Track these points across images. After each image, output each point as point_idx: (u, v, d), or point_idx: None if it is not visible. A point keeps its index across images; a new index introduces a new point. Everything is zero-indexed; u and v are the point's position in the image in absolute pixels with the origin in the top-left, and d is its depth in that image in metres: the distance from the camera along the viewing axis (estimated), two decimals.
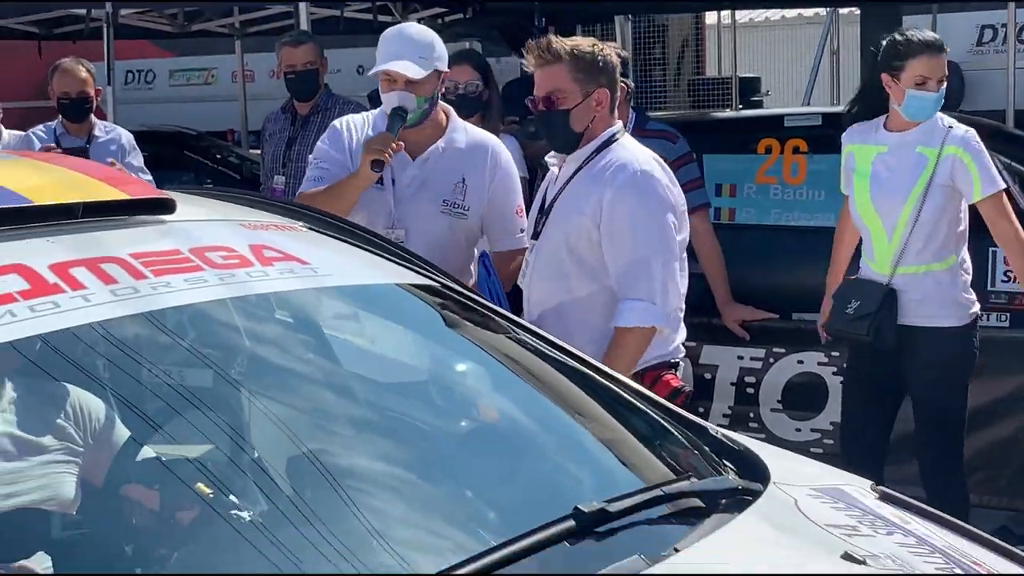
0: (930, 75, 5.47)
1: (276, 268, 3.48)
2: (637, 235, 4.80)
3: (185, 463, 3.20)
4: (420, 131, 5.31)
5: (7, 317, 2.83)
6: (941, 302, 5.51)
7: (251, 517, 2.96)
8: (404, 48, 5.23)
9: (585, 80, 4.87)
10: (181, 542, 3.08)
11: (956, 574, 3.09)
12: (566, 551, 2.79)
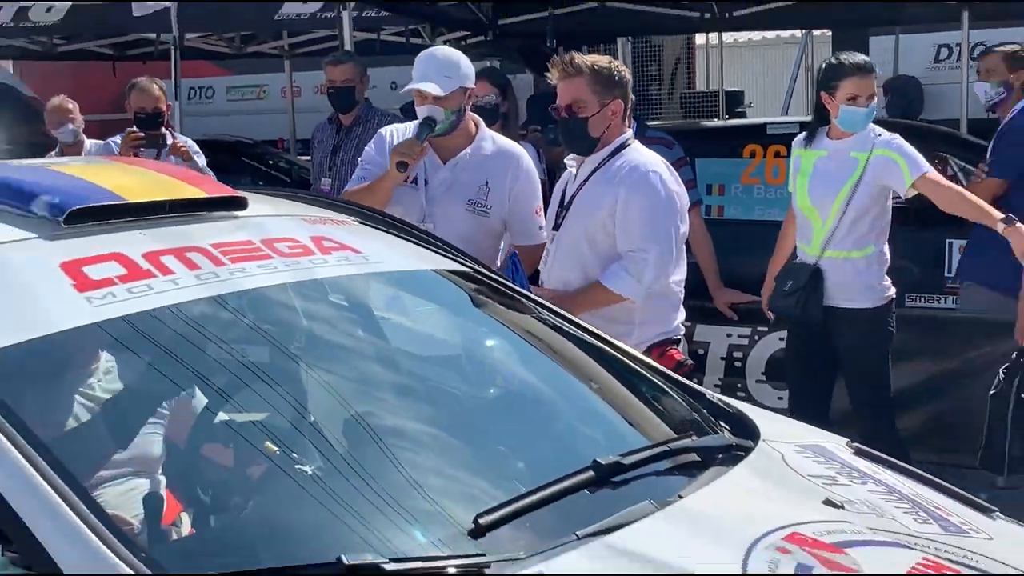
0: (860, 93, 5.54)
1: (334, 256, 3.49)
2: (645, 227, 4.83)
3: (256, 426, 3.20)
4: (451, 139, 5.29)
5: (109, 298, 2.84)
6: (858, 287, 5.60)
7: (311, 471, 2.96)
8: (431, 69, 5.23)
9: (603, 92, 4.90)
10: (252, 493, 3.08)
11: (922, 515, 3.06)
12: (585, 498, 2.81)
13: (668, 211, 4.94)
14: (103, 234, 3.10)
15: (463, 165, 5.31)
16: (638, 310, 4.94)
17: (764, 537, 2.69)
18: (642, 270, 4.83)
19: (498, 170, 5.32)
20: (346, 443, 3.09)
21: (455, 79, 5.20)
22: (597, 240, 4.94)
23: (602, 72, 4.94)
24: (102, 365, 3.19)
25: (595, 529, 2.63)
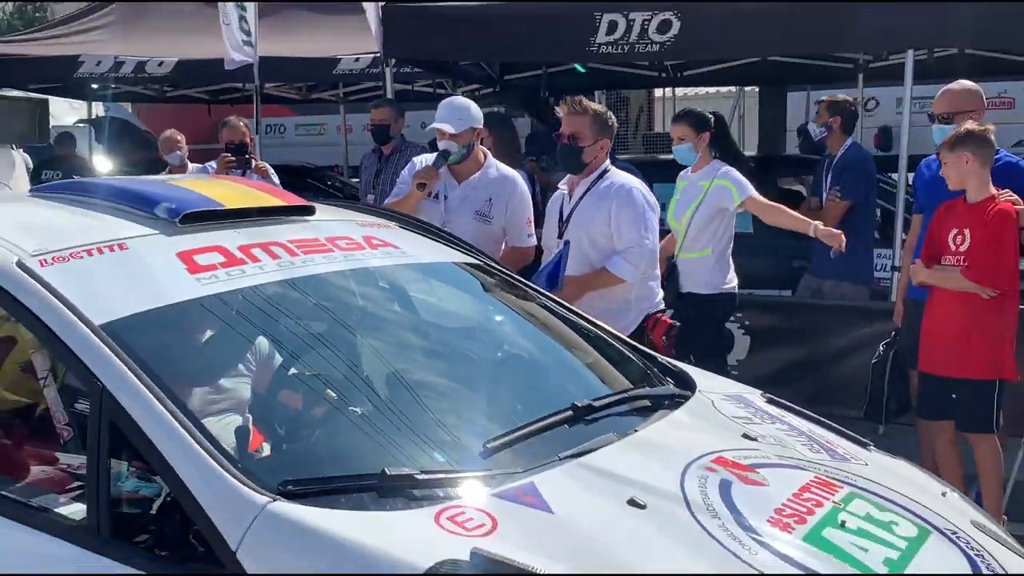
0: (682, 136, 5.83)
1: (380, 251, 3.47)
2: (634, 229, 4.87)
3: (318, 377, 3.18)
4: (464, 166, 5.33)
5: (212, 279, 2.88)
6: (699, 279, 5.74)
7: (360, 411, 2.97)
8: (448, 113, 5.30)
9: (597, 131, 4.97)
10: (316, 426, 3.07)
11: (816, 447, 3.08)
12: (566, 430, 2.84)
13: (648, 215, 4.97)
14: (208, 231, 3.11)
15: (473, 185, 5.33)
16: (634, 291, 4.97)
17: (697, 460, 2.71)
18: (638, 260, 4.87)
19: (499, 190, 5.34)
20: (387, 390, 3.07)
21: (466, 121, 5.26)
22: (599, 242, 4.95)
23: (600, 116, 5.02)
24: (208, 329, 3.19)
25: (572, 452, 2.66)
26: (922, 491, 2.93)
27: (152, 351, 2.58)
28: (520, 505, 2.35)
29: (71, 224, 3.07)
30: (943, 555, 2.54)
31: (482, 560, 2.08)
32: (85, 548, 2.34)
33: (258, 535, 2.16)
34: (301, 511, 2.21)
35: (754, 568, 2.26)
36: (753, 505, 2.51)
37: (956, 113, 5.29)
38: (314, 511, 2.21)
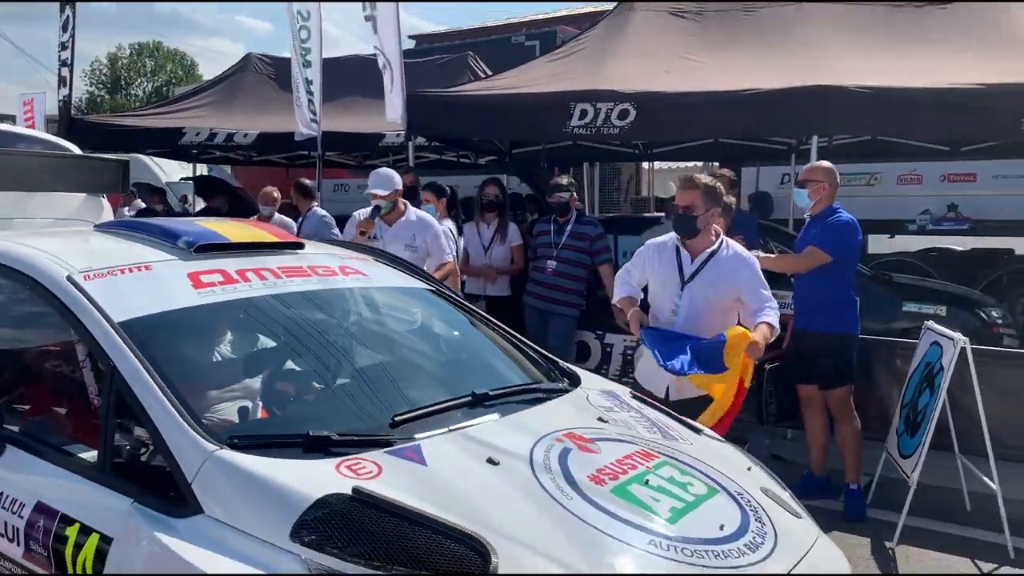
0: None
1: (351, 278, 3.69)
2: (763, 289, 4.53)
3: (304, 370, 3.44)
4: (391, 215, 6.18)
5: (211, 292, 3.13)
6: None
7: (311, 391, 3.28)
8: (378, 181, 6.15)
9: (709, 202, 4.57)
10: (306, 406, 3.30)
11: (654, 430, 3.23)
12: (464, 410, 3.03)
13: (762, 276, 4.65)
14: (215, 259, 3.35)
15: (399, 227, 6.19)
16: None
17: (551, 433, 2.90)
18: (773, 308, 4.49)
19: (418, 228, 6.22)
20: (334, 377, 3.30)
21: (390, 186, 6.13)
22: (725, 298, 4.58)
23: (710, 189, 4.61)
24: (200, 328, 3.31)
25: (458, 426, 2.86)
26: (730, 465, 3.09)
27: (152, 342, 2.82)
28: (403, 459, 2.58)
29: (115, 251, 3.35)
30: (721, 508, 2.72)
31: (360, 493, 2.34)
32: (95, 481, 2.62)
33: (207, 472, 2.43)
34: (239, 457, 2.47)
35: (568, 510, 2.48)
36: (581, 466, 2.71)
37: (808, 180, 5.61)
38: (249, 457, 2.47)
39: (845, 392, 5.59)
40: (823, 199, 5.69)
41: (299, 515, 2.27)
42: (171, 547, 2.30)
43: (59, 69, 11.21)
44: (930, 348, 5.47)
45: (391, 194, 6.15)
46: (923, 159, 10.70)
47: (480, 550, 2.20)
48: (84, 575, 2.47)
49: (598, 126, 7.55)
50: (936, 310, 7.64)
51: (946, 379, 5.04)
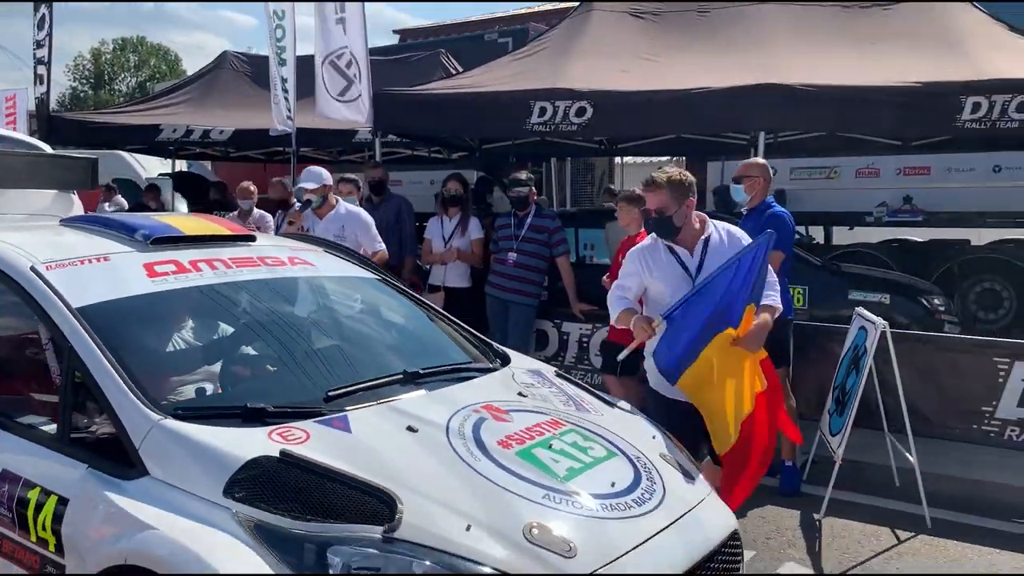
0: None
1: (298, 267, 3.95)
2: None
3: (250, 353, 3.72)
4: (323, 209, 6.69)
5: (163, 281, 3.40)
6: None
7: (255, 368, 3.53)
8: (308, 176, 6.71)
9: (680, 196, 4.23)
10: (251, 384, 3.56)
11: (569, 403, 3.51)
12: (396, 387, 3.29)
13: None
14: (171, 251, 3.61)
15: (329, 219, 6.66)
16: None
17: (470, 405, 3.18)
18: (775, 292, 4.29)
19: (347, 220, 6.66)
20: (278, 355, 3.57)
21: (318, 181, 6.66)
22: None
23: (675, 184, 4.26)
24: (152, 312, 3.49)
25: (386, 400, 3.14)
26: (635, 433, 3.39)
27: (106, 325, 3.10)
28: (330, 428, 2.87)
29: (76, 243, 3.62)
30: (616, 468, 3.02)
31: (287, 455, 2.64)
32: (54, 450, 2.92)
33: (152, 439, 2.73)
34: (181, 426, 2.77)
35: (474, 469, 2.79)
36: (492, 433, 3.01)
37: (744, 176, 5.92)
38: (190, 426, 2.77)
39: (781, 373, 5.89)
40: (758, 193, 6.00)
41: (231, 474, 2.57)
42: (120, 505, 2.61)
43: (35, 67, 11.41)
44: (858, 332, 5.80)
45: (319, 188, 6.66)
46: (880, 153, 11.01)
47: (388, 502, 2.51)
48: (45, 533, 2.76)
49: (557, 123, 7.83)
50: (881, 298, 7.99)
51: (868, 360, 5.35)
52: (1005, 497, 5.69)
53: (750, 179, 5.98)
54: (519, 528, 2.56)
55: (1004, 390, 5.82)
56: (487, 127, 8.68)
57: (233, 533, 2.45)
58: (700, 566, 2.80)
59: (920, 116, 7.15)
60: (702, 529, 2.94)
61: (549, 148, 11.74)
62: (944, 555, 4.90)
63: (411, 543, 2.44)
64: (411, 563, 2.41)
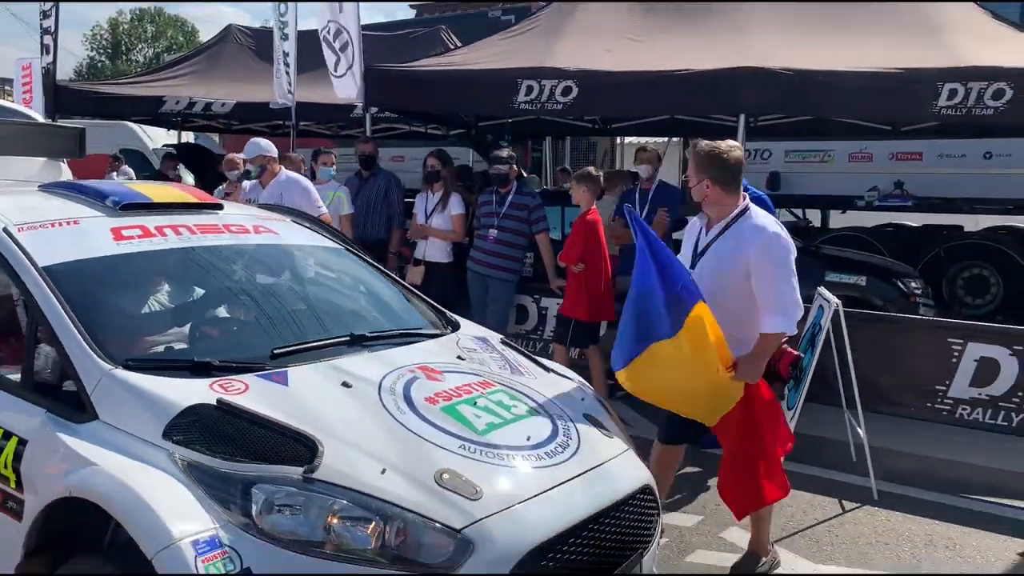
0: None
1: (262, 235, 4.17)
2: (776, 282, 3.96)
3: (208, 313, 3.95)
4: (266, 178, 7.19)
5: (128, 244, 3.62)
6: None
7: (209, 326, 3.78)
8: (248, 148, 7.29)
9: (700, 172, 4.10)
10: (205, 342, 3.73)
11: (506, 367, 3.73)
12: (341, 348, 3.50)
13: (789, 261, 4.00)
14: (139, 216, 3.82)
15: (270, 187, 7.13)
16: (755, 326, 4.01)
17: (406, 366, 3.40)
18: (786, 308, 3.95)
19: (286, 188, 7.07)
20: (232, 315, 3.83)
21: (255, 152, 7.24)
22: (730, 280, 4.04)
23: (704, 156, 4.11)
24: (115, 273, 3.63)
25: (328, 359, 3.35)
26: (564, 396, 3.61)
27: (69, 283, 3.32)
28: (269, 381, 3.11)
29: (49, 207, 3.85)
30: (535, 425, 3.24)
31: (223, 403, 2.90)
32: (17, 396, 3.18)
33: (103, 387, 2.98)
34: (130, 375, 3.01)
35: (398, 420, 3.03)
36: (421, 390, 3.24)
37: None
38: (137, 376, 3.01)
39: None
40: None
41: (171, 419, 2.83)
42: (70, 445, 2.86)
43: (41, 37, 11.66)
44: (817, 310, 6.00)
45: (256, 159, 7.24)
46: (873, 138, 11.15)
47: (310, 446, 2.76)
48: (7, 471, 3.02)
49: (543, 102, 8.04)
50: (856, 280, 8.19)
51: (822, 337, 5.56)
52: (954, 473, 5.91)
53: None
54: (431, 473, 2.80)
55: (957, 370, 6.02)
56: (475, 105, 8.92)
57: (168, 471, 2.70)
58: (605, 514, 3.02)
59: (898, 102, 7.31)
60: (611, 481, 3.16)
61: (542, 126, 11.95)
62: (884, 525, 5.13)
63: (329, 483, 2.68)
64: (328, 501, 2.65)
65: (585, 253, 6.86)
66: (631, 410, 6.14)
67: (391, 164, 14.61)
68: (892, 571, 4.55)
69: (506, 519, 2.75)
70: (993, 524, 5.13)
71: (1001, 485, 5.68)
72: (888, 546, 4.86)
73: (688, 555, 4.65)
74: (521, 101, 8.10)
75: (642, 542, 3.25)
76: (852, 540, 4.89)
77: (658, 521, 3.42)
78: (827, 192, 11.79)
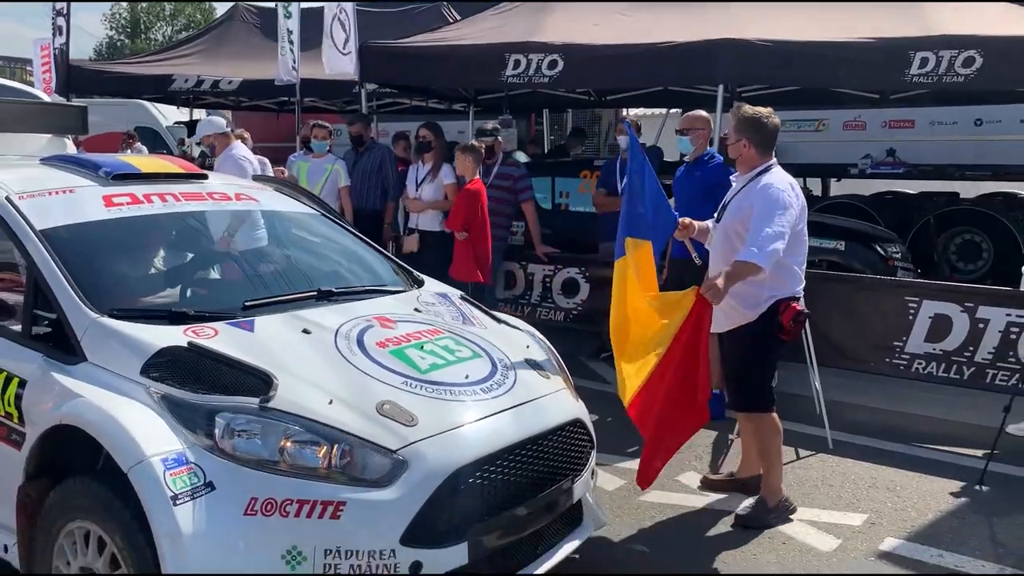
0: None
1: (242, 202, 4.56)
2: (761, 218, 4.33)
3: (190, 271, 4.36)
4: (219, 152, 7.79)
5: (118, 211, 4.03)
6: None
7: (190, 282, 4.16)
8: (205, 126, 7.81)
9: (740, 130, 4.57)
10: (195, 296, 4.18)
11: (459, 318, 4.11)
12: (308, 301, 3.90)
13: (778, 208, 4.33)
14: (129, 185, 4.24)
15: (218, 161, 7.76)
16: (766, 279, 4.39)
17: (364, 316, 3.79)
18: (761, 244, 4.25)
19: (223, 161, 7.67)
20: (210, 273, 4.26)
21: (206, 130, 7.94)
22: (740, 232, 4.47)
23: (744, 119, 4.58)
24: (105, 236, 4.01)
25: (296, 310, 3.76)
26: (509, 343, 3.99)
27: (63, 244, 3.74)
28: (237, 328, 3.52)
29: (49, 178, 4.27)
30: (475, 366, 3.63)
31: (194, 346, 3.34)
32: (18, 343, 3.62)
33: (91, 332, 3.42)
34: (114, 323, 3.44)
35: (348, 361, 3.44)
36: (374, 336, 3.64)
37: (689, 128, 6.44)
38: (120, 323, 3.44)
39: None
40: (701, 145, 6.54)
41: (147, 359, 3.27)
42: (63, 382, 3.31)
43: (54, 19, 12.13)
44: None
45: (205, 138, 8.03)
46: (866, 106, 11.39)
47: (266, 380, 3.19)
48: (10, 408, 3.48)
49: (530, 75, 8.39)
50: (836, 245, 8.53)
51: None
52: (906, 423, 6.30)
53: (695, 131, 6.49)
54: (373, 404, 3.23)
55: (913, 327, 6.38)
56: (465, 78, 9.28)
57: (144, 402, 3.14)
58: (532, 441, 3.43)
59: (871, 71, 7.57)
60: (541, 414, 3.57)
61: (541, 99, 12.27)
62: (833, 470, 5.53)
63: (282, 412, 3.11)
64: (282, 427, 3.09)
65: (469, 221, 7.29)
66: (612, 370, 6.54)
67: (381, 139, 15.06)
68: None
69: (437, 442, 3.18)
70: (935, 469, 5.52)
71: (948, 434, 6.06)
72: (832, 487, 5.25)
73: (641, 495, 5.05)
74: (509, 75, 8.45)
75: (572, 470, 3.68)
76: (799, 483, 5.28)
77: (590, 453, 3.83)
78: (821, 160, 12.07)
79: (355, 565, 2.98)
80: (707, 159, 6.52)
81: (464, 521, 3.18)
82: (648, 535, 4.60)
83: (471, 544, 3.16)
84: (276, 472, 3.03)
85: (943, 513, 4.92)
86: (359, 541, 2.98)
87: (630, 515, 4.83)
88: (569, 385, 4.01)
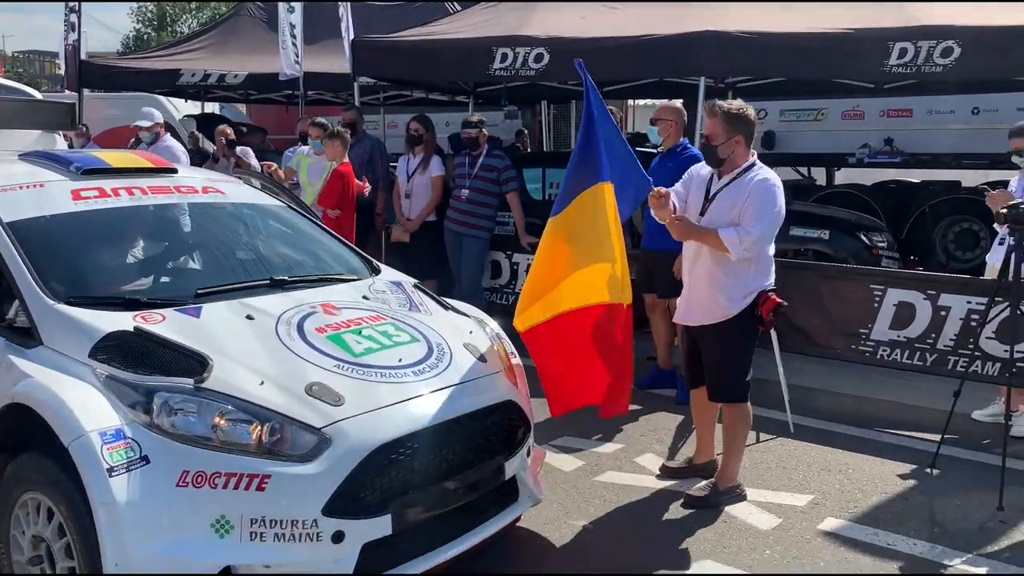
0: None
1: (209, 195, 4.77)
2: (753, 215, 4.50)
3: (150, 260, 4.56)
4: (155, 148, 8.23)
5: (85, 204, 4.25)
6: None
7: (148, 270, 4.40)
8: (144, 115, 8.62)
9: (731, 129, 4.59)
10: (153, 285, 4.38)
11: (406, 305, 4.28)
12: (259, 289, 4.11)
13: (771, 209, 4.53)
14: (98, 180, 4.45)
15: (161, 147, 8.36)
16: (751, 269, 4.60)
17: (308, 303, 3.98)
18: (744, 237, 4.45)
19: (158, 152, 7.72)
20: (168, 261, 4.48)
21: (149, 119, 8.81)
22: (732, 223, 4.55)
23: (731, 116, 4.62)
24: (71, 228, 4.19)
25: (245, 298, 3.96)
26: (452, 329, 4.17)
27: (28, 236, 3.98)
28: (184, 314, 3.74)
29: (21, 172, 4.51)
30: (410, 350, 3.82)
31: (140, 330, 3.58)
32: None
33: (47, 318, 3.67)
34: (69, 309, 3.67)
35: (285, 345, 3.65)
36: (315, 322, 3.84)
37: (659, 119, 6.61)
38: (74, 309, 3.67)
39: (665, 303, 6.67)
40: (671, 135, 6.70)
41: (95, 342, 3.51)
42: (18, 364, 3.56)
43: (67, 16, 12.46)
44: None
45: (153, 126, 8.85)
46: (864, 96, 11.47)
47: (202, 362, 3.42)
48: None
49: (517, 68, 8.59)
50: (820, 234, 8.66)
51: None
52: (868, 409, 6.45)
53: (664, 122, 6.67)
54: (303, 385, 3.45)
55: (878, 314, 6.51)
56: (453, 72, 9.48)
57: (90, 382, 3.38)
58: (458, 421, 3.64)
59: (851, 61, 7.71)
60: (470, 396, 3.76)
61: (538, 91, 12.44)
62: (790, 453, 5.69)
63: (216, 391, 3.34)
64: (216, 406, 3.33)
65: (340, 200, 7.78)
66: None
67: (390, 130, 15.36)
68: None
69: (361, 421, 3.40)
70: (890, 452, 5.67)
71: (907, 419, 6.20)
72: (785, 470, 5.42)
73: (597, 475, 5.26)
74: (497, 68, 8.65)
75: (505, 449, 3.89)
76: (754, 464, 5.45)
77: (525, 435, 4.04)
78: (820, 150, 12.16)
79: (279, 534, 3.20)
80: (680, 150, 6.66)
81: (388, 494, 3.39)
82: (595, 513, 4.78)
83: (395, 516, 3.38)
84: (209, 448, 3.25)
85: (890, 495, 5.06)
86: (283, 511, 3.21)
87: (583, 494, 5.01)
88: (509, 369, 4.19)
